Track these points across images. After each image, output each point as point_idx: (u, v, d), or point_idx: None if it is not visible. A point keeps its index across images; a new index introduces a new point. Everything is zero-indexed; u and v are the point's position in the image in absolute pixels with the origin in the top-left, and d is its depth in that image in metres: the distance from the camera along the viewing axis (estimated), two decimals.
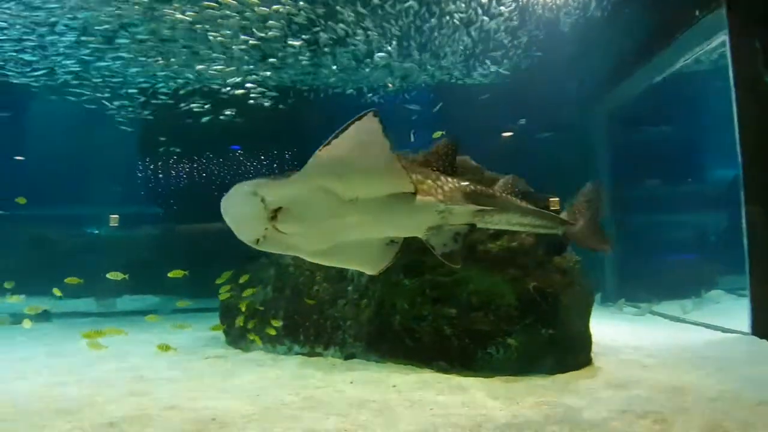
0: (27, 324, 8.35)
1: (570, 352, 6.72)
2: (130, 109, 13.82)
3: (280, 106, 13.24)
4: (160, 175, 14.05)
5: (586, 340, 7.03)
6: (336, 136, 3.35)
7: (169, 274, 7.61)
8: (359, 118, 3.29)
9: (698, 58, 12.52)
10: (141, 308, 11.39)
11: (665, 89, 13.08)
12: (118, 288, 10.60)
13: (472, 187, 4.45)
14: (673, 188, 15.58)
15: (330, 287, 7.70)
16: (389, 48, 12.08)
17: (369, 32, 11.54)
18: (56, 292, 8.45)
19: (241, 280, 8.22)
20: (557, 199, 7.30)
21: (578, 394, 5.68)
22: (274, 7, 10.32)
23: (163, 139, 13.51)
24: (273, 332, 7.32)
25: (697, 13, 9.63)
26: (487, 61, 13.18)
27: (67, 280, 8.17)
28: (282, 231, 3.90)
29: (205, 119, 12.84)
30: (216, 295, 8.70)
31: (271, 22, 10.67)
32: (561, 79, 13.77)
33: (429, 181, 4.22)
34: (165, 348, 7.38)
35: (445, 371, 6.56)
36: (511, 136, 13.10)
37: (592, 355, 7.01)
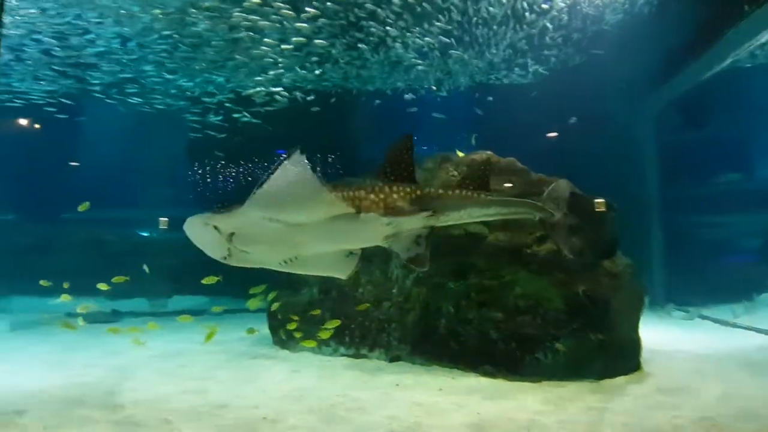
0: (79, 323, 8.71)
1: (619, 357, 6.63)
2: (186, 115, 14.24)
3: (318, 109, 13.38)
4: (208, 179, 14.41)
5: (635, 344, 6.91)
6: (268, 177, 3.85)
7: (203, 281, 7.82)
8: (286, 159, 3.75)
9: (753, 52, 12.13)
10: (191, 308, 11.69)
11: (715, 86, 12.69)
12: (169, 288, 10.97)
13: (419, 192, 4.58)
14: (723, 188, 15.06)
15: (375, 289, 7.76)
16: (432, 46, 12.03)
17: (410, 32, 11.51)
18: (102, 286, 8.75)
19: (269, 298, 8.40)
20: (603, 200, 7.20)
21: (627, 400, 5.62)
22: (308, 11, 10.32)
23: (211, 143, 13.84)
24: (327, 335, 7.40)
25: (745, 7, 9.32)
26: (530, 61, 13.02)
27: (114, 279, 8.46)
28: (243, 250, 4.39)
29: (245, 120, 13.13)
30: (263, 295, 8.89)
31: (303, 23, 10.74)
32: (607, 78, 13.53)
33: (372, 196, 4.44)
34: (210, 336, 7.67)
35: (492, 375, 6.55)
36: (557, 136, 12.87)
37: (641, 360, 6.89)
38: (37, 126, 15.75)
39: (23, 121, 15.37)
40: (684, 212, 13.86)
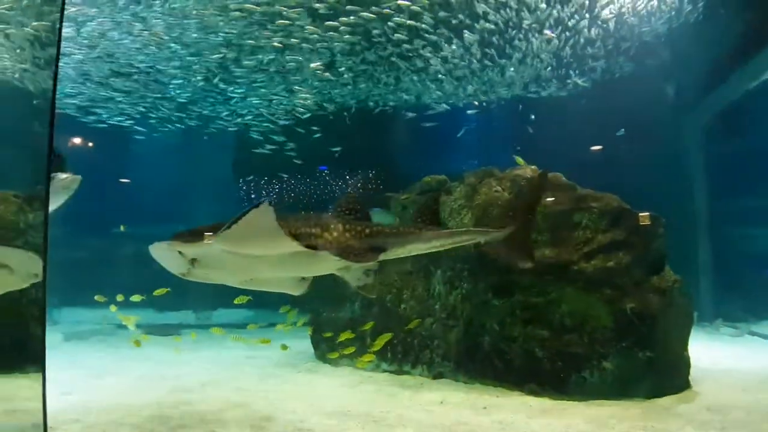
0: (137, 339, 8.99)
1: (668, 376, 6.48)
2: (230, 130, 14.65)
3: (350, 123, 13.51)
4: (253, 195, 14.71)
5: (684, 363, 6.75)
6: (235, 221, 4.38)
7: (235, 301, 7.99)
8: (255, 207, 4.29)
9: None
10: (236, 321, 11.92)
11: (764, 94, 12.32)
12: (214, 301, 11.19)
13: (369, 230, 5.18)
14: None
15: (417, 305, 7.76)
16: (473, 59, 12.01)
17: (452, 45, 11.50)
18: (136, 298, 9.04)
19: (299, 324, 8.53)
20: (647, 214, 7.07)
21: (676, 419, 5.50)
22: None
23: (254, 160, 14.15)
24: (378, 346, 7.40)
25: None
26: (572, 72, 12.86)
27: (156, 292, 8.71)
28: (204, 272, 5.07)
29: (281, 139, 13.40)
30: (305, 310, 9.02)
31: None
32: (653, 88, 13.28)
33: (326, 235, 5.04)
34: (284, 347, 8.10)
35: (537, 394, 6.44)
36: (604, 149, 12.65)
37: (690, 378, 6.72)
38: (93, 142, 16.32)
39: (79, 137, 15.93)
40: (733, 224, 13.45)
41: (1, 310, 7.29)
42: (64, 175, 6.21)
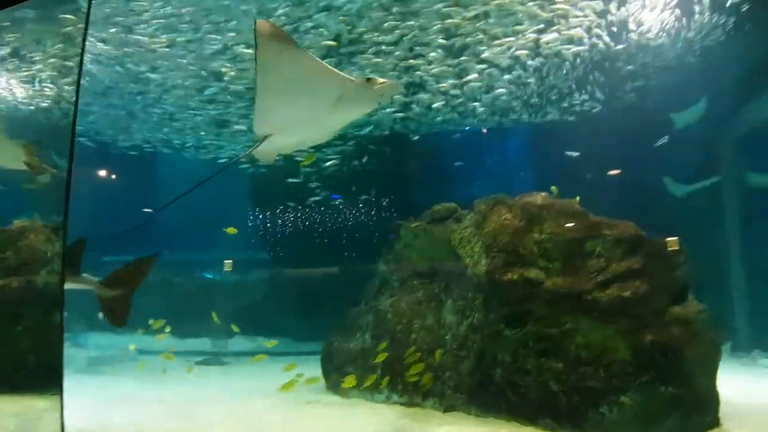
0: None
1: (694, 413, 6.07)
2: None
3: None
4: (268, 224, 14.80)
5: (713, 399, 6.31)
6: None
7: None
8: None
9: None
10: (252, 350, 11.88)
11: None
12: (230, 330, 11.20)
13: None
14: None
15: (428, 336, 7.55)
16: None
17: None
18: (155, 324, 9.17)
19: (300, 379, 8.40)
20: (676, 238, 6.77)
21: None
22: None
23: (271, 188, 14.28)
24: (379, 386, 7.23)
25: None
26: (586, 94, 12.65)
27: (152, 322, 8.86)
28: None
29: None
30: (320, 338, 8.90)
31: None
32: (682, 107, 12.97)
33: None
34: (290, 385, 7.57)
35: (552, 429, 6.16)
36: (624, 172, 12.31)
37: (720, 415, 6.28)
38: (115, 170, 16.74)
39: (100, 162, 16.35)
40: None
41: (25, 331, 7.64)
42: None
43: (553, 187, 7.41)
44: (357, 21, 10.01)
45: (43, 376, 6.35)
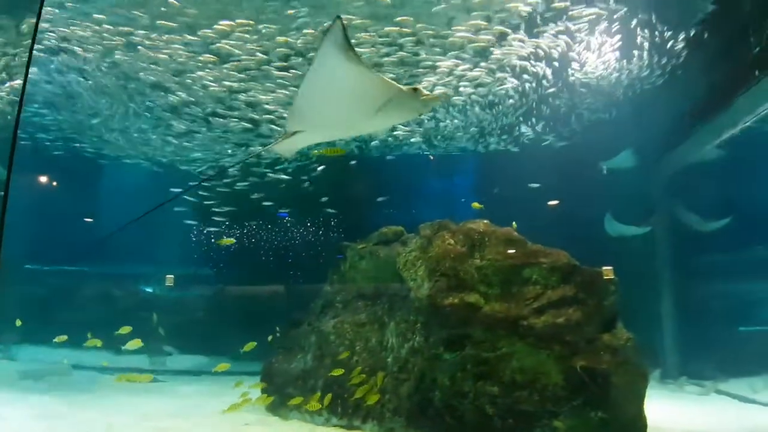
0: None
1: None
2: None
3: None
4: (213, 240, 14.55)
5: (640, 423, 6.56)
6: None
7: (245, 348, 7.86)
8: None
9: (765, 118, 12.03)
10: (190, 368, 11.56)
11: (727, 152, 12.57)
12: (170, 347, 10.91)
13: None
14: (742, 254, 14.65)
15: (370, 358, 7.59)
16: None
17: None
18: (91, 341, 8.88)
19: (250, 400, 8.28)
20: (610, 267, 7.08)
21: None
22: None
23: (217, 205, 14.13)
24: (316, 407, 7.20)
25: (756, 73, 9.35)
26: (524, 127, 13.16)
27: (89, 341, 8.58)
28: None
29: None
30: (259, 359, 8.79)
31: None
32: (618, 143, 13.59)
33: None
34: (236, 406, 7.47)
35: None
36: (562, 203, 12.78)
37: None
38: (55, 178, 16.17)
39: (42, 170, 15.78)
40: (698, 279, 13.46)
41: None
42: None
43: (474, 203, 7.67)
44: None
45: None
